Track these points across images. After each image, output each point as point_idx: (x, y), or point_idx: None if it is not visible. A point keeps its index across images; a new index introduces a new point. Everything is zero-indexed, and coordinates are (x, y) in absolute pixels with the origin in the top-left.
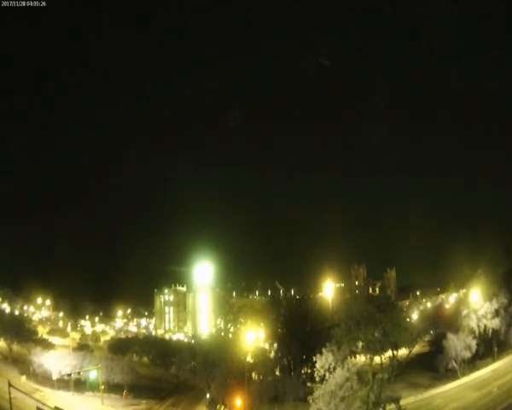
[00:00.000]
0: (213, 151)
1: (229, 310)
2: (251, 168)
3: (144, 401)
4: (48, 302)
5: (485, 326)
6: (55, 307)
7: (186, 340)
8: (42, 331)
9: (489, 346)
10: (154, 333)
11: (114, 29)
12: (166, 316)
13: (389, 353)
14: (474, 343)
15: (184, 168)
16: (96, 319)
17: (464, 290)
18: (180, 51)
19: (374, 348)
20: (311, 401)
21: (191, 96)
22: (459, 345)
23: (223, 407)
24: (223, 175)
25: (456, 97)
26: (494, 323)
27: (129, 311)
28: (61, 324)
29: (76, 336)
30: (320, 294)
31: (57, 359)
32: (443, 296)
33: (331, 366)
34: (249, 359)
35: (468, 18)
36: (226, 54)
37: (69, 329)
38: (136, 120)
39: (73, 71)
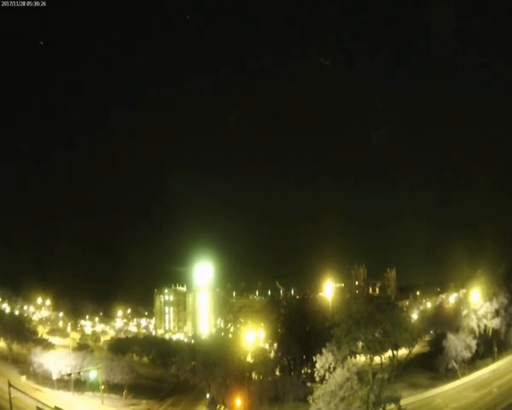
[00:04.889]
0: (214, 151)
1: (229, 310)
2: (251, 168)
3: (144, 401)
4: (48, 302)
5: (485, 326)
6: (55, 307)
7: (186, 340)
8: (42, 331)
9: (489, 346)
10: (154, 333)
11: (115, 30)
12: (166, 316)
13: (389, 353)
14: (474, 343)
15: (184, 168)
16: (96, 319)
17: (464, 290)
18: (180, 52)
19: (374, 348)
20: (311, 401)
21: (191, 97)
22: (459, 345)
23: (223, 407)
24: (223, 175)
25: (456, 97)
26: (494, 323)
27: (129, 311)
28: (61, 324)
29: (76, 336)
30: (320, 294)
31: (57, 359)
32: (443, 296)
33: (331, 366)
34: (249, 359)
35: (468, 18)
36: (226, 54)
37: (69, 329)
38: (136, 121)
39: (73, 72)
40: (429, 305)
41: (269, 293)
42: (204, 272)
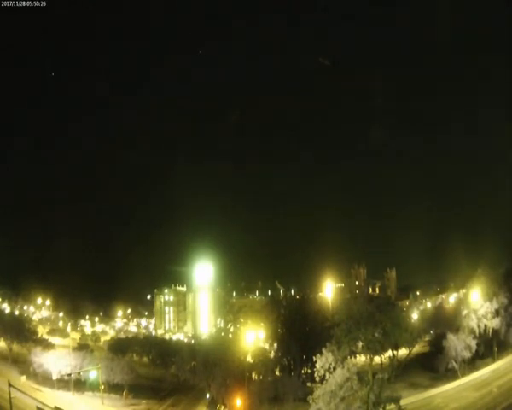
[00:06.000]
0: (213, 151)
1: (229, 310)
2: (251, 168)
3: (144, 401)
4: (48, 302)
5: (485, 326)
6: (55, 307)
7: (186, 340)
8: (42, 331)
9: (489, 346)
10: (154, 333)
11: (113, 30)
12: (166, 316)
13: (389, 353)
14: (474, 343)
15: (184, 168)
16: (96, 319)
17: (464, 290)
18: (180, 52)
19: (374, 348)
20: (311, 401)
21: (191, 95)
22: (459, 345)
23: (223, 407)
24: (222, 175)
25: (456, 97)
26: (494, 323)
27: (129, 311)
28: (61, 324)
29: (76, 336)
30: (320, 294)
31: (57, 359)
32: (443, 296)
33: (331, 366)
34: (249, 359)
35: (467, 17)
36: (226, 52)
37: (69, 329)
38: (135, 119)
39: (73, 70)
40: (429, 305)
41: (269, 293)
42: (204, 272)
